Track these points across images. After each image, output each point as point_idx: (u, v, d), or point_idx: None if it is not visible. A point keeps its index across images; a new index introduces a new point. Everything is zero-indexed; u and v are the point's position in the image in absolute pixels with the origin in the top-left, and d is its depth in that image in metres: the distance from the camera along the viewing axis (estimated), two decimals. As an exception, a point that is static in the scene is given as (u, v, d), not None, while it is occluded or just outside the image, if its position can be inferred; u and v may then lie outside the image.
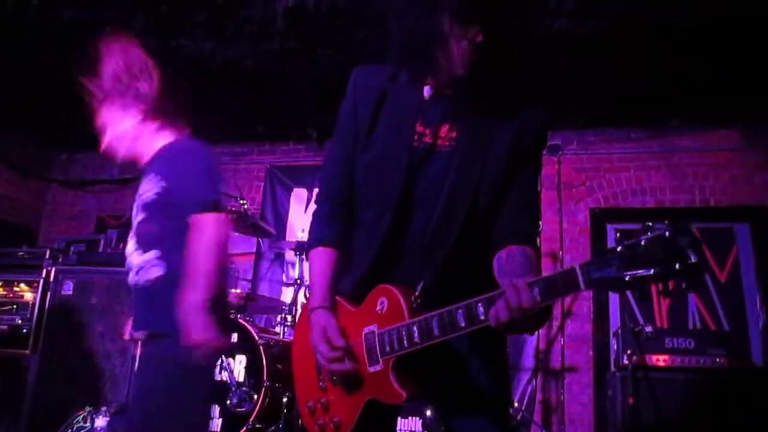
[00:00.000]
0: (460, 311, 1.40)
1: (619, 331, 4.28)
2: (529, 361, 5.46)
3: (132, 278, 2.34)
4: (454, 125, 1.59)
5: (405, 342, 1.48)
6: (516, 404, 5.17)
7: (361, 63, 1.77)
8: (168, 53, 4.89)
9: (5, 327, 4.78)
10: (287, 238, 5.97)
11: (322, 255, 1.71)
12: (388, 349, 1.51)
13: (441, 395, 1.63)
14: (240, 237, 5.57)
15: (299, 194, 6.34)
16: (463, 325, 1.39)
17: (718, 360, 3.93)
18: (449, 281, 1.53)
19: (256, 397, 3.94)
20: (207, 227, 2.21)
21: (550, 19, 4.19)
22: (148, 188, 2.37)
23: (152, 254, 2.29)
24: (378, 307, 1.56)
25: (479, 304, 1.37)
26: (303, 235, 5.09)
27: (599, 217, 5.69)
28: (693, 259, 1.10)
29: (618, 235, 1.18)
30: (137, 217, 2.39)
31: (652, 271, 1.12)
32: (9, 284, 4.89)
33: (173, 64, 5.03)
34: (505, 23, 1.47)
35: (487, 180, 1.55)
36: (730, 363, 3.92)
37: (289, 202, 6.35)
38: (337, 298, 1.69)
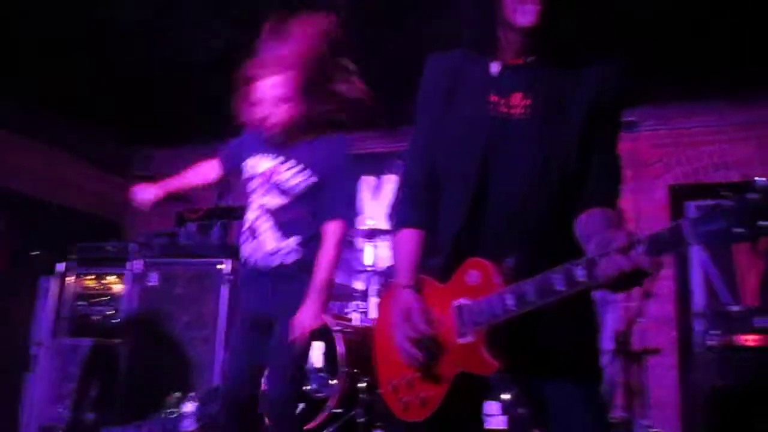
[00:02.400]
0: (557, 275, 1.37)
1: (704, 311, 4.13)
2: (608, 343, 5.34)
3: (260, 257, 2.57)
4: (528, 93, 1.59)
5: (498, 311, 1.47)
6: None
7: (431, 50, 1.81)
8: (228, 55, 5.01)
9: (98, 317, 5.05)
10: (358, 225, 6.02)
11: (408, 236, 1.74)
12: (480, 319, 1.51)
13: (531, 365, 1.59)
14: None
15: (368, 182, 6.38)
16: (561, 288, 1.36)
17: (812, 339, 3.74)
18: (538, 253, 1.51)
19: (334, 382, 4.02)
20: (337, 233, 2.56)
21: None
22: (292, 175, 2.57)
23: (294, 240, 2.55)
24: (468, 280, 1.56)
25: (578, 267, 1.34)
26: (373, 223, 5.13)
27: (678, 194, 5.47)
28: None
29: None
30: (271, 197, 2.59)
31: (764, 223, 1.10)
32: (100, 277, 5.16)
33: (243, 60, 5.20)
34: None
35: (566, 145, 1.55)
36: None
37: (359, 189, 6.39)
38: (423, 276, 1.70)
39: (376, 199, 6.30)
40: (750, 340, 3.86)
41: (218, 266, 4.86)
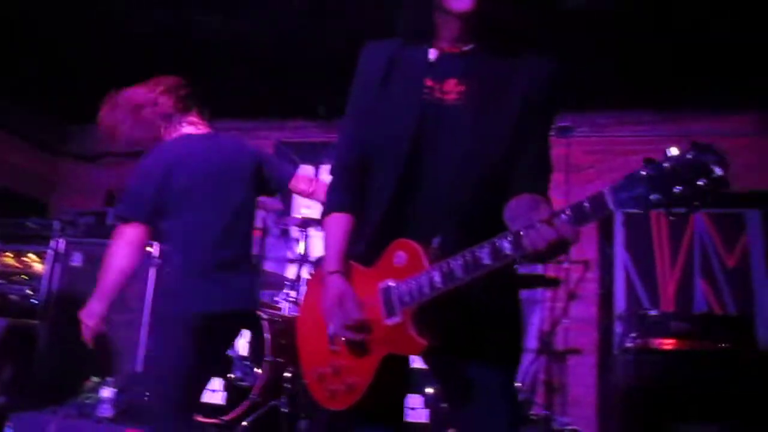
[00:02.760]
0: (483, 249, 1.40)
1: (624, 314, 4.27)
2: (532, 342, 5.47)
3: None
4: (462, 79, 1.61)
5: (426, 289, 1.48)
6: (519, 385, 5.19)
7: (370, 39, 1.80)
8: (180, 27, 4.89)
9: (16, 297, 4.83)
10: (293, 215, 5.98)
11: (337, 221, 1.73)
12: (407, 299, 1.51)
13: (457, 345, 1.60)
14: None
15: (305, 171, 6.34)
16: (488, 262, 1.39)
17: (722, 344, 3.91)
18: (465, 235, 1.51)
19: (258, 371, 3.97)
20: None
21: (563, -4, 4.13)
22: None
23: None
24: (395, 261, 1.56)
25: (505, 240, 1.37)
26: (308, 212, 5.10)
27: (607, 200, 5.63)
28: (718, 173, 1.13)
29: (643, 162, 1.21)
30: None
31: (678, 189, 1.15)
32: (19, 255, 4.94)
33: (185, 39, 5.08)
34: None
35: (498, 131, 1.57)
36: (735, 348, 3.90)
37: (297, 178, 6.35)
38: (352, 262, 1.70)
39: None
40: (666, 343, 4.01)
41: (146, 248, 4.73)
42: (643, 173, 1.20)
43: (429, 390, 3.75)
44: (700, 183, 1.13)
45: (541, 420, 4.85)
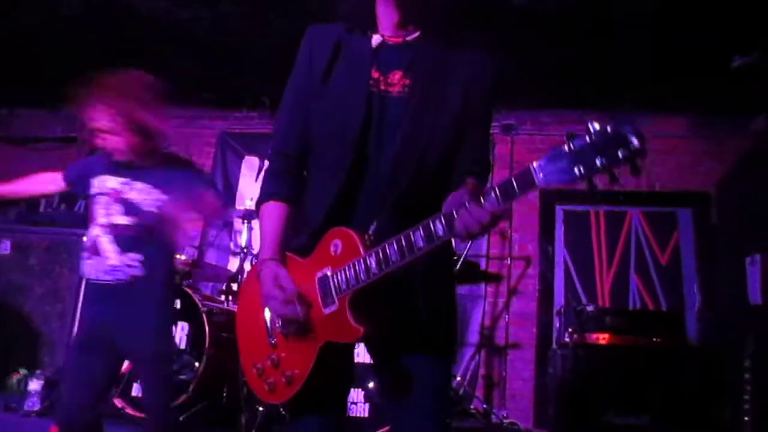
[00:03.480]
0: (417, 232, 1.41)
1: (562, 309, 4.36)
2: (473, 336, 5.53)
3: (102, 273, 2.53)
4: (407, 72, 1.62)
5: (362, 275, 1.47)
6: (459, 379, 5.25)
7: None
8: (119, 11, 4.72)
9: (-62, 286, 4.60)
10: (236, 206, 5.88)
11: (274, 209, 1.70)
12: (344, 286, 1.51)
13: (394, 334, 1.60)
14: (188, 203, 5.45)
15: (251, 162, 6.24)
16: (421, 245, 1.40)
17: (655, 339, 4.04)
18: (402, 223, 1.49)
19: (197, 365, 3.89)
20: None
21: (510, -5, 4.18)
22: (140, 195, 2.58)
23: (135, 257, 2.53)
24: (332, 250, 1.56)
25: (436, 222, 1.38)
26: (252, 204, 5.01)
27: (549, 197, 5.76)
28: (635, 145, 1.19)
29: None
30: (116, 214, 2.57)
31: (598, 162, 1.20)
32: (-58, 242, 4.70)
33: (124, 22, 4.91)
34: None
35: (440, 125, 1.59)
36: (667, 342, 4.03)
37: (239, 169, 6.24)
38: (288, 253, 1.67)
39: (257, 181, 6.16)
40: (601, 338, 4.11)
41: (83, 237, 4.57)
42: (567, 148, 1.24)
43: (370, 385, 3.74)
44: (620, 154, 1.19)
45: (480, 413, 4.92)
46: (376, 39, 1.66)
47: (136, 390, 3.97)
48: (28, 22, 4.93)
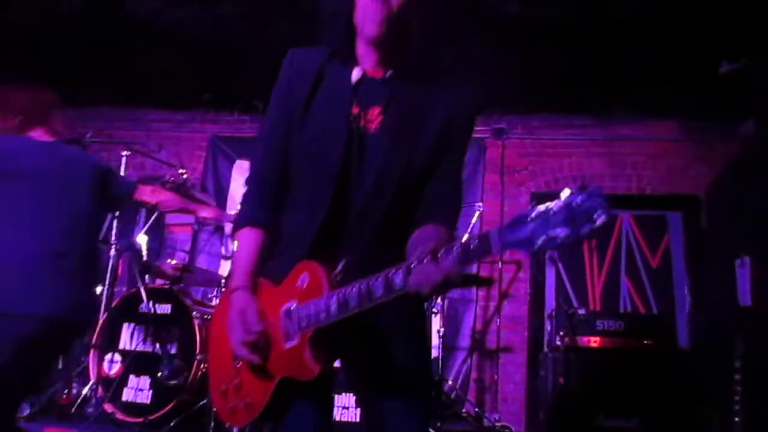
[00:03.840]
0: (377, 281, 1.38)
1: (554, 313, 4.37)
2: (465, 340, 5.54)
3: None
4: (384, 108, 1.62)
5: (322, 315, 1.46)
6: (450, 382, 5.24)
7: (311, 36, 1.75)
8: (111, 11, 4.71)
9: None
10: (228, 211, 5.86)
11: (250, 235, 1.68)
12: (305, 323, 1.49)
13: (360, 374, 1.63)
14: (179, 207, 5.44)
15: (242, 166, 6.22)
16: (379, 294, 1.37)
17: (645, 342, 4.05)
18: (373, 260, 1.49)
19: (187, 370, 3.87)
20: None
21: (500, 1, 4.20)
22: None
23: None
24: (299, 283, 1.54)
25: (396, 273, 1.36)
26: (243, 208, 4.99)
27: (540, 201, 5.67)
28: (601, 221, 1.14)
29: (533, 201, 1.20)
30: None
31: (562, 234, 1.16)
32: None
33: (115, 23, 4.89)
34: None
35: (414, 164, 1.59)
36: (657, 345, 4.05)
37: (231, 173, 6.23)
38: (262, 279, 1.66)
39: (248, 185, 6.14)
40: (592, 341, 4.12)
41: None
42: (532, 215, 1.20)
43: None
44: (584, 229, 1.15)
45: (471, 417, 4.92)
46: (356, 72, 1.65)
47: (126, 395, 3.95)
48: (23, 21, 4.89)
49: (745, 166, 4.64)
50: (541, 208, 1.19)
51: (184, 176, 4.53)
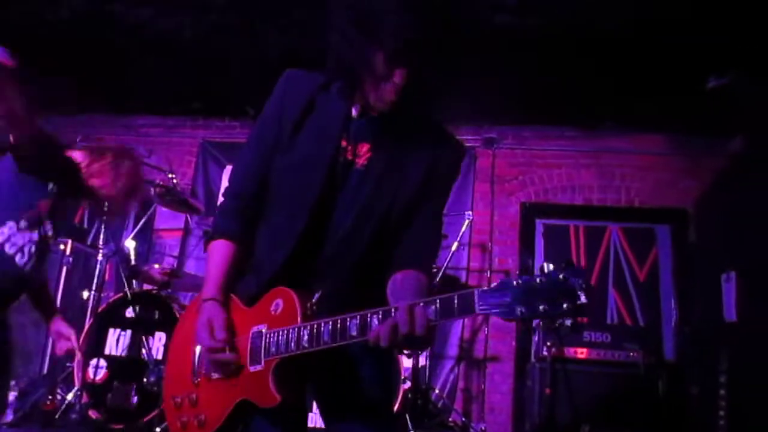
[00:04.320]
0: (353, 320, 1.39)
1: (541, 323, 4.38)
2: (453, 349, 5.54)
3: None
4: (373, 146, 1.63)
5: (292, 345, 1.46)
6: (438, 391, 5.24)
7: (301, 44, 1.75)
8: (101, 18, 4.70)
9: None
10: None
11: (223, 247, 1.67)
12: (273, 349, 1.49)
13: (324, 401, 1.64)
14: (168, 212, 5.42)
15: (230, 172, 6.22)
16: (354, 334, 1.38)
17: (632, 354, 4.08)
18: (349, 294, 1.54)
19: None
20: None
21: (491, 12, 4.22)
22: None
23: None
24: (272, 308, 1.54)
25: (374, 316, 1.37)
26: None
27: (529, 211, 5.80)
28: (581, 301, 1.17)
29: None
30: None
31: (542, 307, 1.19)
32: None
33: (106, 29, 4.88)
34: (428, 72, 1.51)
35: (397, 204, 1.61)
36: (643, 357, 4.07)
37: (221, 179, 6.22)
38: (232, 296, 1.66)
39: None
40: (579, 352, 4.14)
41: (60, 246, 4.53)
42: (515, 283, 1.23)
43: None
44: (564, 305, 1.17)
45: (458, 426, 4.92)
46: (354, 108, 1.64)
47: (111, 400, 3.92)
48: (14, 26, 4.87)
49: (732, 181, 4.69)
50: (525, 279, 1.22)
51: (174, 181, 4.53)
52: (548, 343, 4.20)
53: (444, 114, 1.70)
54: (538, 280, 1.21)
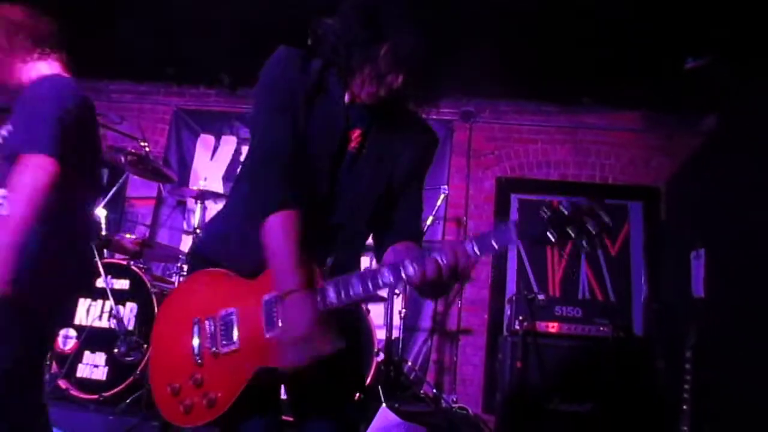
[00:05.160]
0: (385, 269, 1.50)
1: (514, 297, 4.42)
2: (426, 322, 5.58)
3: None
4: (364, 132, 1.71)
5: (320, 305, 1.50)
6: (410, 363, 5.29)
7: (279, 14, 1.73)
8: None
9: None
10: (190, 186, 5.77)
11: (287, 219, 1.54)
12: None
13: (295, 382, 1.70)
14: (140, 181, 5.34)
15: (206, 141, 6.12)
16: (388, 281, 1.48)
17: (602, 329, 4.13)
18: (352, 259, 1.72)
19: (145, 346, 3.82)
20: (26, 169, 1.98)
21: (473, -15, 4.17)
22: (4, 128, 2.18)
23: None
24: None
25: (406, 262, 1.47)
26: (206, 183, 4.93)
27: (505, 186, 5.82)
28: (605, 220, 1.40)
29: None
30: None
31: (572, 230, 1.41)
32: None
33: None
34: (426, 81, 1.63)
35: (392, 185, 1.74)
36: (613, 332, 4.13)
37: (195, 147, 6.12)
38: (225, 270, 1.64)
39: (213, 160, 6.05)
40: (551, 326, 4.19)
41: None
42: (544, 215, 1.42)
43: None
44: (589, 227, 1.38)
45: (429, 398, 4.97)
46: (347, 96, 1.70)
47: (81, 371, 3.89)
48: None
49: (704, 160, 4.74)
50: (554, 209, 1.42)
51: (147, 149, 4.45)
52: (520, 317, 4.24)
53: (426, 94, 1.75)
54: (564, 210, 1.40)
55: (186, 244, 5.49)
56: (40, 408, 2.15)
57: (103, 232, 4.24)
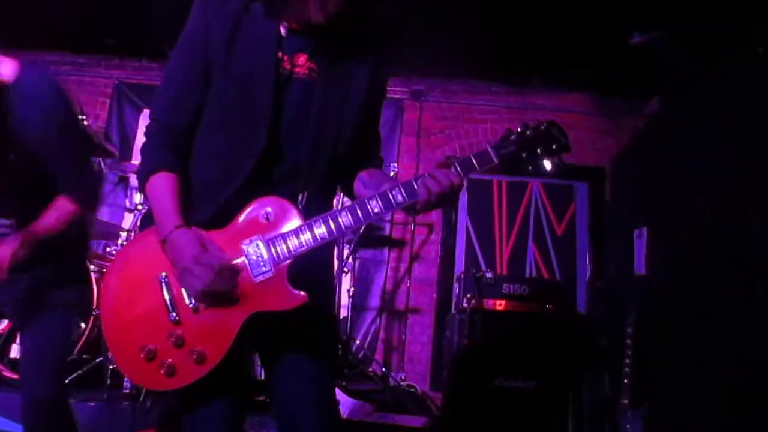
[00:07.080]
0: (372, 200, 1.56)
1: (462, 275, 4.44)
2: (375, 301, 5.58)
3: None
4: (312, 57, 1.67)
5: (307, 242, 1.54)
6: (358, 342, 5.28)
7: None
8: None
9: None
10: (133, 161, 5.59)
11: (167, 179, 1.60)
12: (285, 252, 1.54)
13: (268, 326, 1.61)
14: (79, 156, 5.13)
15: (146, 115, 5.94)
16: (377, 211, 1.55)
17: (547, 307, 4.19)
18: (321, 200, 1.68)
19: (83, 325, 3.70)
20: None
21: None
22: None
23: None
24: (262, 218, 1.56)
25: (395, 190, 1.56)
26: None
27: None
28: (564, 141, 1.66)
29: (511, 129, 1.68)
30: None
31: (539, 149, 1.64)
32: None
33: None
34: None
35: (349, 111, 1.69)
36: (557, 310, 4.20)
37: (137, 122, 5.92)
38: (193, 227, 1.57)
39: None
40: (498, 304, 4.22)
41: None
42: (513, 137, 1.64)
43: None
44: (554, 146, 1.65)
45: (378, 376, 4.98)
46: (283, 28, 1.66)
47: (14, 352, 3.74)
48: None
49: (647, 142, 4.83)
50: (519, 132, 1.65)
51: (86, 123, 4.27)
52: (468, 295, 4.26)
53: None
54: (528, 132, 1.64)
55: (128, 221, 5.33)
56: None
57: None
